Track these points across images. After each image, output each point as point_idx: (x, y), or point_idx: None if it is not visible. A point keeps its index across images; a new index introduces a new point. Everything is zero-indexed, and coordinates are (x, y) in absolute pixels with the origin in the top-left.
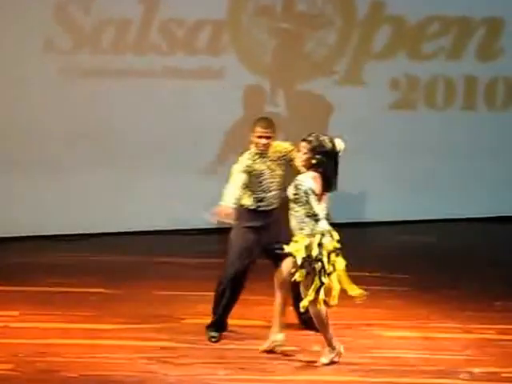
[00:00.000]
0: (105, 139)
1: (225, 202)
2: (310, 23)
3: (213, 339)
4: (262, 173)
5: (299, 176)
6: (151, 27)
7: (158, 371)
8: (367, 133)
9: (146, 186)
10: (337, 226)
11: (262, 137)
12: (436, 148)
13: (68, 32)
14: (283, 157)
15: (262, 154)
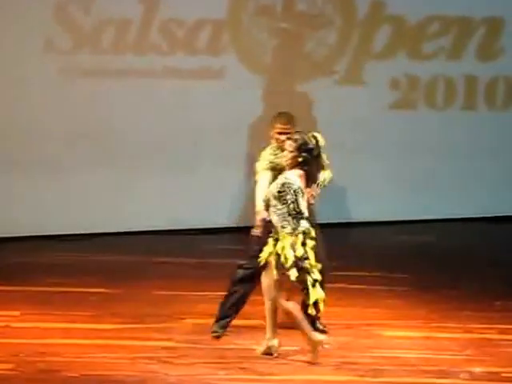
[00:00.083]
0: (105, 139)
1: (259, 208)
2: (310, 23)
3: (213, 334)
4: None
5: (287, 175)
6: (151, 27)
7: (159, 371)
8: (367, 133)
9: (146, 186)
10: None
11: (282, 133)
12: (436, 148)
13: (68, 32)
14: None
15: (283, 149)
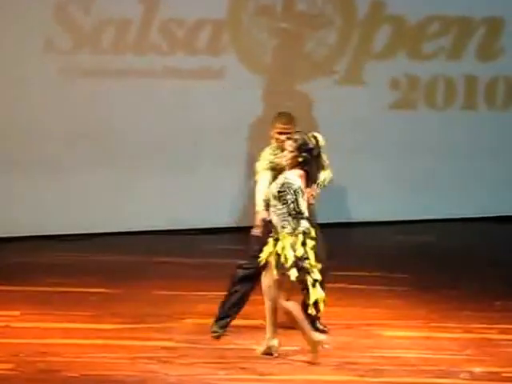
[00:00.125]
0: (105, 139)
1: (259, 208)
2: (310, 23)
3: (213, 333)
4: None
5: (287, 175)
6: (151, 27)
7: (159, 371)
8: (367, 133)
9: (146, 186)
10: (337, 226)
11: (283, 133)
12: (436, 148)
13: (68, 32)
14: None
15: (283, 149)
